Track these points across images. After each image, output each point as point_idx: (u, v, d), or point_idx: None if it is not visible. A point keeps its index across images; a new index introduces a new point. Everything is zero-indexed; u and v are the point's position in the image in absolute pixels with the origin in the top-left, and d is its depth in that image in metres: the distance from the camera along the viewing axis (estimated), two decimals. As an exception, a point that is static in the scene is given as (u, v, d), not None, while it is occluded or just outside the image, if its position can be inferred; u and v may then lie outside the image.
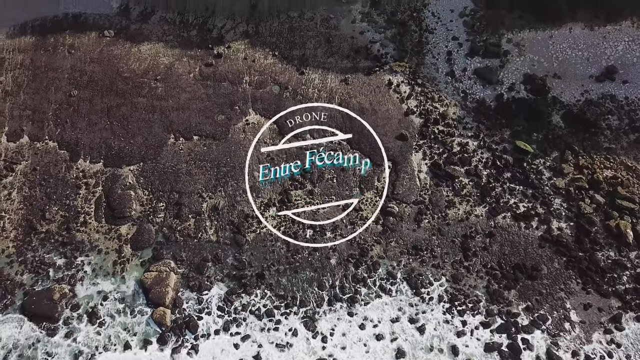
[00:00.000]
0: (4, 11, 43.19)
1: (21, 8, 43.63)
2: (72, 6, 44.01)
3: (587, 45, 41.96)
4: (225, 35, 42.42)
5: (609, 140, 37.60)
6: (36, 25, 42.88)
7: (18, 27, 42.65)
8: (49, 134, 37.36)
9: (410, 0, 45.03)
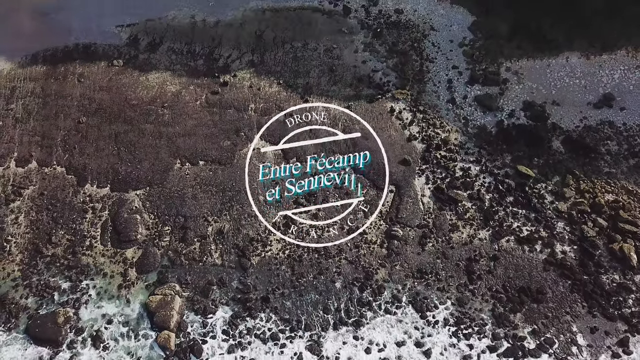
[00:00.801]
0: (16, 42, 45.29)
1: (33, 39, 45.76)
2: (82, 37, 46.15)
3: (584, 73, 43.87)
4: (231, 64, 44.38)
5: (609, 165, 38.87)
6: (47, 55, 44.87)
7: (30, 57, 44.61)
8: (57, 160, 38.67)
9: (411, 32, 47.31)
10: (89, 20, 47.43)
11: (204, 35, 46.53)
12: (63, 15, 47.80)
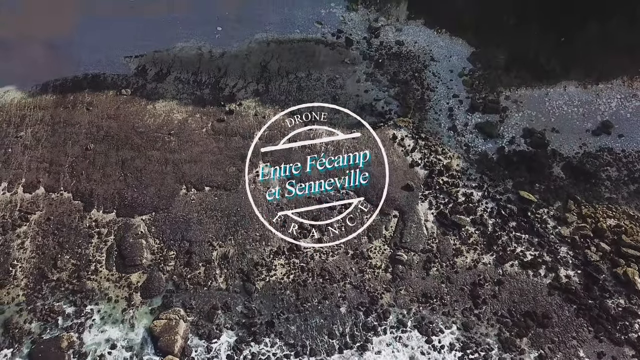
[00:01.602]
0: (27, 73, 47.08)
1: (44, 69, 47.61)
2: (92, 67, 48.03)
3: (581, 101, 45.49)
4: (236, 93, 46.04)
5: (609, 191, 39.86)
6: (57, 84, 46.61)
7: (40, 87, 46.32)
8: (64, 185, 39.69)
9: (412, 62, 49.29)
10: (98, 52, 49.39)
11: (210, 65, 48.45)
12: (73, 47, 49.77)
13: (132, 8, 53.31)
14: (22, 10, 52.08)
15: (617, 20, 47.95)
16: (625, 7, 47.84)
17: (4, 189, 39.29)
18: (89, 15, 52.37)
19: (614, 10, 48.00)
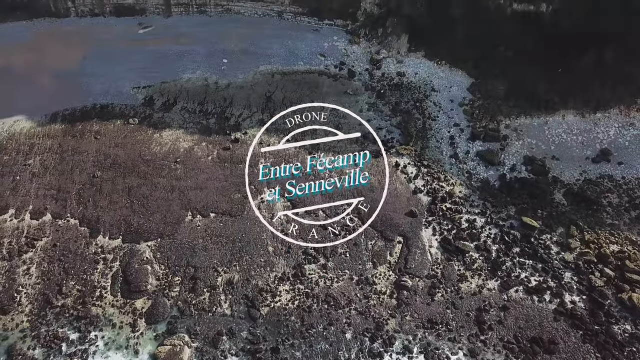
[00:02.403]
0: (38, 103, 48.60)
1: (53, 100, 49.17)
2: (100, 98, 49.63)
3: (580, 130, 46.82)
4: (242, 122, 47.42)
5: (611, 217, 40.61)
6: (66, 114, 48.04)
7: (49, 116, 47.72)
8: (71, 212, 40.42)
9: (413, 92, 50.95)
10: (107, 83, 51.16)
11: (216, 96, 50.07)
12: (83, 78, 51.55)
13: (141, 41, 55.44)
14: (34, 43, 54.11)
15: (611, 53, 49.81)
16: (619, 40, 49.81)
17: (11, 216, 39.96)
18: (99, 48, 54.45)
19: (608, 43, 49.97)
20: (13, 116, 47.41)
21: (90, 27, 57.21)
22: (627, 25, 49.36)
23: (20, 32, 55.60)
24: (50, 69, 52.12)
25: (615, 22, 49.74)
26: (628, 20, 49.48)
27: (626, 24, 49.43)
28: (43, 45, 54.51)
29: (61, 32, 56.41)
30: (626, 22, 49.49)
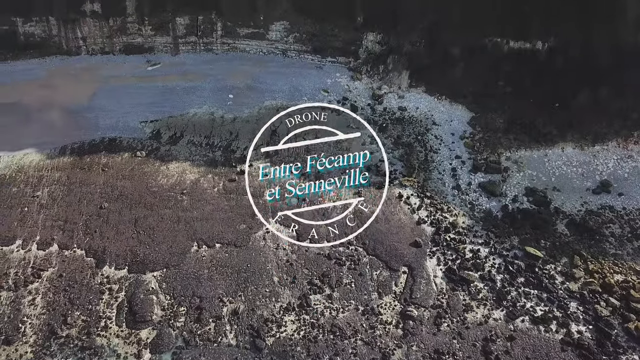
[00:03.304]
0: (47, 137, 50.01)
1: (62, 134, 50.64)
2: (109, 131, 51.08)
3: (579, 162, 48.01)
4: (247, 155, 48.59)
5: (614, 247, 41.19)
6: (75, 147, 49.33)
7: (58, 149, 48.98)
8: (77, 243, 41.02)
9: (414, 126, 52.52)
10: (115, 117, 52.74)
11: (222, 129, 51.57)
12: (92, 114, 53.21)
13: (149, 77, 57.53)
14: (46, 80, 56.14)
15: (606, 88, 51.70)
16: (613, 76, 51.82)
17: (18, 247, 40.54)
18: (108, 84, 56.44)
19: (603, 79, 51.97)
20: (23, 149, 48.63)
21: (101, 65, 59.38)
22: (620, 63, 51.49)
23: (33, 70, 57.72)
24: (61, 104, 53.86)
25: (609, 60, 51.92)
26: (621, 58, 51.65)
27: (619, 62, 51.56)
28: (54, 82, 56.46)
29: (72, 69, 58.54)
30: (619, 60, 51.65)
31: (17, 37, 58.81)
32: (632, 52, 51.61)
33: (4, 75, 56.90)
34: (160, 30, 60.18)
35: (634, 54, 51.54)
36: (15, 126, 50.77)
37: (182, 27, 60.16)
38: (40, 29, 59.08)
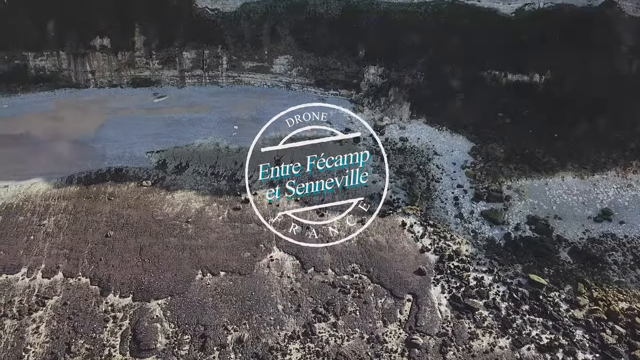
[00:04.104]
0: (55, 167, 50.99)
1: (70, 164, 51.65)
2: (115, 161, 52.10)
3: (580, 191, 48.82)
4: (252, 184, 49.46)
5: (618, 275, 41.52)
6: (82, 177, 50.21)
7: (65, 179, 49.83)
8: (82, 271, 41.32)
9: (416, 156, 53.60)
10: (122, 148, 53.87)
11: (227, 159, 52.62)
12: (99, 144, 54.39)
13: (156, 109, 59.09)
14: (55, 112, 57.63)
15: (603, 120, 53.17)
16: (610, 107, 53.37)
17: (23, 275, 40.82)
18: (115, 116, 57.90)
19: (600, 109, 53.50)
20: (31, 179, 49.50)
21: (108, 97, 60.98)
22: (617, 94, 53.13)
23: (42, 102, 59.25)
24: (69, 135, 55.07)
25: (605, 91, 53.58)
26: (617, 89, 53.33)
27: (615, 93, 53.21)
28: (63, 113, 57.88)
29: (80, 101, 60.09)
30: (615, 91, 53.31)
31: (27, 70, 60.63)
32: (627, 84, 53.34)
33: (14, 107, 58.40)
34: (167, 64, 62.14)
35: (630, 85, 53.27)
36: (24, 156, 51.80)
37: (188, 60, 62.14)
38: (51, 63, 60.97)
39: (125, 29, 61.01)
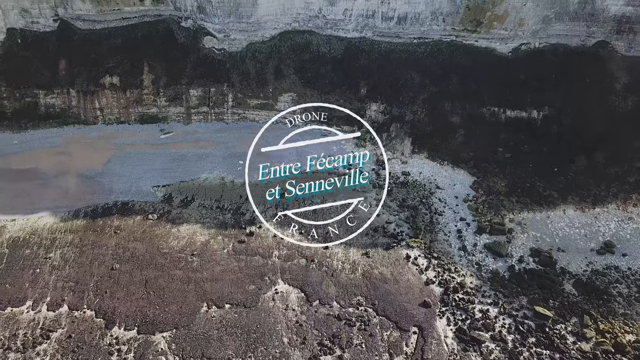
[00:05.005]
0: (62, 201, 51.86)
1: (77, 198, 52.54)
2: (122, 196, 52.99)
3: (582, 224, 49.52)
4: (256, 217, 50.23)
5: (623, 307, 41.66)
6: (88, 210, 50.98)
7: (72, 213, 50.60)
8: (87, 304, 41.52)
9: (419, 190, 54.55)
10: (128, 183, 54.84)
11: (232, 193, 53.53)
12: (106, 179, 55.42)
13: (162, 145, 60.48)
14: (64, 147, 59.01)
15: (601, 154, 54.51)
16: (607, 142, 54.83)
17: (28, 308, 41.05)
18: (122, 151, 59.21)
19: (597, 144, 54.96)
20: (38, 212, 50.29)
21: (116, 133, 62.48)
22: (613, 130, 54.70)
23: (51, 138, 60.68)
24: (76, 170, 56.20)
25: (601, 127, 55.20)
26: (613, 125, 54.95)
27: (612, 129, 54.79)
28: (71, 149, 59.22)
29: (88, 137, 61.51)
30: (612, 126, 54.91)
31: (38, 107, 62.41)
32: (623, 119, 55.02)
33: (23, 143, 59.80)
34: (174, 101, 64.01)
35: (626, 121, 54.92)
36: (31, 190, 52.74)
37: (195, 98, 64.01)
38: (61, 101, 62.82)
39: (135, 68, 63.19)
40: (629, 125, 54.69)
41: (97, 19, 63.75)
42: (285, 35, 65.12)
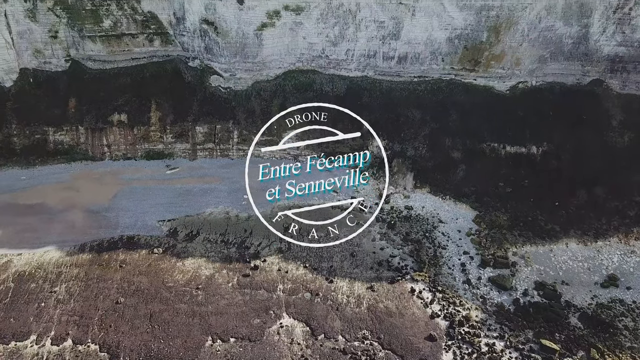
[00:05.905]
0: (68, 235, 52.54)
1: (83, 233, 53.23)
2: (127, 230, 53.66)
3: (585, 257, 49.97)
4: (261, 251, 50.75)
5: (630, 340, 41.60)
6: (94, 245, 51.50)
7: (78, 247, 51.13)
8: (92, 338, 41.50)
9: (422, 224, 55.25)
10: (134, 217, 55.63)
11: (237, 227, 54.21)
12: (112, 213, 56.24)
13: (168, 180, 61.67)
14: (71, 183, 60.16)
15: (601, 188, 55.54)
16: (606, 177, 55.94)
17: (32, 342, 41.03)
18: (128, 186, 60.32)
19: (597, 179, 56.06)
20: (44, 247, 50.84)
21: (122, 169, 63.81)
22: (611, 166, 55.95)
23: (59, 174, 61.95)
24: (83, 205, 57.11)
25: (599, 162, 56.49)
26: (610, 161, 56.26)
27: (609, 164, 56.06)
28: (78, 184, 60.37)
29: (95, 173, 62.82)
30: (609, 162, 56.20)
31: (47, 144, 63.97)
32: (621, 155, 56.37)
33: (31, 179, 60.99)
34: (181, 138, 65.64)
35: (623, 157, 56.25)
36: (38, 225, 53.48)
37: (201, 134, 65.68)
38: (70, 137, 64.47)
39: (143, 106, 65.18)
40: (627, 160, 55.98)
41: (108, 59, 66.28)
42: (290, 74, 67.47)
